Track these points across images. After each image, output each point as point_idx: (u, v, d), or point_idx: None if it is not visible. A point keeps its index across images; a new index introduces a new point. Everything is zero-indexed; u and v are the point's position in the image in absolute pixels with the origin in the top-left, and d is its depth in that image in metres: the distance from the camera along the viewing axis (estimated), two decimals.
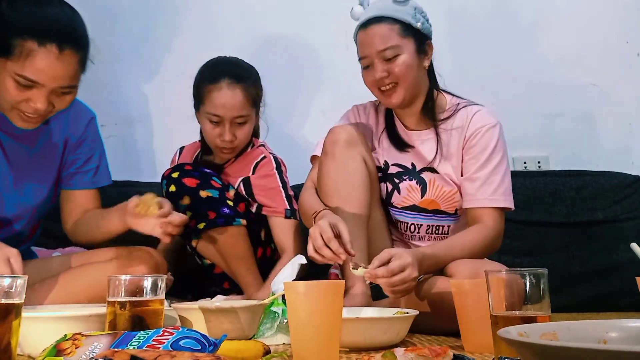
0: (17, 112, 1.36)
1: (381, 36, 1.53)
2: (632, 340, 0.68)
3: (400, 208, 1.64)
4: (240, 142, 1.79)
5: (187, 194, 1.66)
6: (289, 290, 0.96)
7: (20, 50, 1.28)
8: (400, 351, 0.84)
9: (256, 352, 0.98)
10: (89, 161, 1.61)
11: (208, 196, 1.67)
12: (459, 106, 1.61)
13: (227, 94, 1.72)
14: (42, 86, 1.31)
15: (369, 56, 1.55)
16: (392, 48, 1.52)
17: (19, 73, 1.29)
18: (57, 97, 1.36)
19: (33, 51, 1.28)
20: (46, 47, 1.29)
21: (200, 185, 1.67)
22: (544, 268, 0.93)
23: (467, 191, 1.54)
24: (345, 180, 1.52)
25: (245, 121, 1.76)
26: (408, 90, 1.56)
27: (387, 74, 1.53)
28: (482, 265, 1.30)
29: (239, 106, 1.73)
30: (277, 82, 2.13)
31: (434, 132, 1.61)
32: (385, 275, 1.24)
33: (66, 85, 1.35)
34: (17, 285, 0.84)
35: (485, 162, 1.53)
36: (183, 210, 1.62)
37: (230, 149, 1.79)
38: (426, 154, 1.61)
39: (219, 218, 1.66)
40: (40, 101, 1.32)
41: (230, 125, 1.74)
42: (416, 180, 1.61)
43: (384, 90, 1.56)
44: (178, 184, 1.67)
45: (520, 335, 0.64)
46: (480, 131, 1.55)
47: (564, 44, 2.00)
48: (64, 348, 0.84)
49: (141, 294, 0.99)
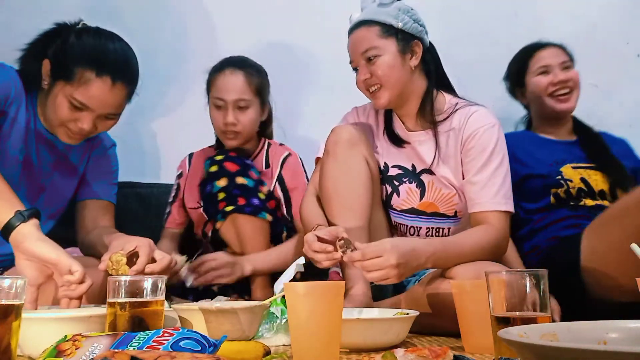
0: (64, 130, 1.51)
1: (362, 39, 1.57)
2: (632, 340, 0.68)
3: (399, 211, 1.63)
4: (244, 127, 1.86)
5: (225, 176, 1.75)
6: (289, 291, 0.96)
7: (80, 77, 1.44)
8: (400, 352, 0.84)
9: (256, 353, 0.97)
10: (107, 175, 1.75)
11: (243, 184, 1.75)
12: (457, 107, 1.59)
13: (230, 78, 1.85)
14: (91, 111, 1.47)
15: (355, 60, 1.60)
16: (372, 49, 1.55)
17: (74, 97, 1.45)
18: (101, 121, 1.52)
19: (90, 80, 1.44)
20: (102, 78, 1.45)
21: (239, 171, 1.77)
22: (544, 269, 0.93)
23: (469, 195, 1.52)
24: (347, 180, 1.51)
25: (247, 106, 1.85)
26: (393, 90, 1.56)
27: (370, 75, 1.56)
28: (482, 266, 1.29)
29: (240, 89, 1.84)
30: (277, 83, 2.14)
31: (432, 133, 1.60)
32: (359, 259, 1.25)
33: (112, 112, 1.52)
34: (17, 286, 0.84)
35: (484, 164, 1.50)
36: (216, 190, 1.72)
37: (233, 134, 1.85)
38: (424, 155, 1.60)
39: (247, 206, 1.73)
40: (87, 123, 1.49)
41: (233, 108, 1.83)
42: (415, 183, 1.61)
43: (372, 91, 1.58)
44: (220, 165, 1.77)
45: (520, 336, 0.64)
46: (477, 132, 1.52)
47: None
48: (64, 349, 0.84)
49: (141, 294, 0.99)
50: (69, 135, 1.53)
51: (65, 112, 1.47)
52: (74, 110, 1.47)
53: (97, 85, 1.45)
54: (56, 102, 1.48)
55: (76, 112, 1.47)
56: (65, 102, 1.47)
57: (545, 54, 1.95)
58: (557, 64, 1.92)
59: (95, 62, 1.46)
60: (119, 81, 1.48)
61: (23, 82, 1.53)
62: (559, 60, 1.93)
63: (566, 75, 1.91)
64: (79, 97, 1.45)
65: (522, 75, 1.98)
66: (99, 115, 1.50)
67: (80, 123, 1.49)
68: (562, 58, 1.94)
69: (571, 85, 1.91)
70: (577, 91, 1.93)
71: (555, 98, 1.91)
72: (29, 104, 1.55)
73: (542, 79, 1.92)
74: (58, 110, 1.48)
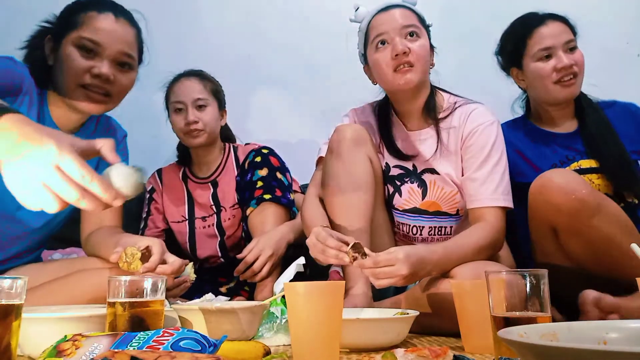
0: (83, 92, 1.44)
1: (405, 15, 1.57)
2: (632, 340, 0.68)
3: (401, 211, 1.63)
4: (206, 125, 1.96)
5: (267, 167, 1.89)
6: (289, 291, 0.96)
7: (83, 20, 1.45)
8: (400, 352, 0.84)
9: (256, 353, 0.97)
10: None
11: (281, 179, 1.89)
12: (456, 105, 1.61)
13: (186, 82, 2.00)
14: (103, 50, 1.44)
15: (388, 32, 1.55)
16: (415, 27, 1.56)
17: (83, 36, 1.43)
18: (118, 70, 1.47)
19: (93, 17, 1.45)
20: (104, 14, 1.46)
21: (279, 167, 1.92)
22: (544, 269, 0.93)
23: (468, 191, 1.53)
24: (351, 179, 1.51)
25: (205, 104, 1.97)
26: (422, 75, 1.57)
27: (408, 50, 1.53)
28: (482, 266, 1.30)
29: (197, 90, 1.98)
30: (277, 82, 2.15)
31: (434, 130, 1.61)
32: (370, 266, 1.25)
33: (125, 51, 1.47)
34: (17, 286, 0.84)
35: (483, 161, 1.52)
36: (256, 178, 1.85)
37: (197, 131, 1.95)
38: (426, 152, 1.61)
39: (283, 198, 1.86)
40: (104, 66, 1.43)
41: (192, 107, 1.95)
42: (417, 183, 1.61)
43: (402, 69, 1.54)
44: (264, 157, 1.91)
45: (520, 335, 0.64)
46: (477, 130, 1.54)
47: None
48: (64, 349, 0.84)
49: (141, 294, 0.99)
50: (89, 96, 1.45)
51: (78, 60, 1.43)
52: (86, 56, 1.43)
53: (101, 19, 1.45)
54: (66, 56, 1.43)
55: (89, 58, 1.43)
56: (75, 49, 1.43)
57: (547, 31, 1.70)
58: (560, 44, 1.69)
59: (94, 5, 1.47)
60: (121, 17, 1.48)
61: (34, 78, 1.48)
62: (563, 40, 1.69)
63: (572, 58, 1.69)
64: (87, 34, 1.43)
65: (519, 56, 1.75)
66: (113, 59, 1.46)
67: (98, 69, 1.43)
68: (566, 37, 1.70)
69: (576, 69, 1.70)
70: (581, 74, 1.72)
71: (559, 84, 1.69)
72: (39, 101, 1.49)
73: (544, 66, 1.70)
74: (70, 63, 1.43)
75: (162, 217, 2.05)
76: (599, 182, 1.69)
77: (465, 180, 1.55)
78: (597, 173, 1.69)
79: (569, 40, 1.70)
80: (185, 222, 2.01)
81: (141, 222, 2.04)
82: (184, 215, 2.02)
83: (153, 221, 2.03)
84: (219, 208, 2.00)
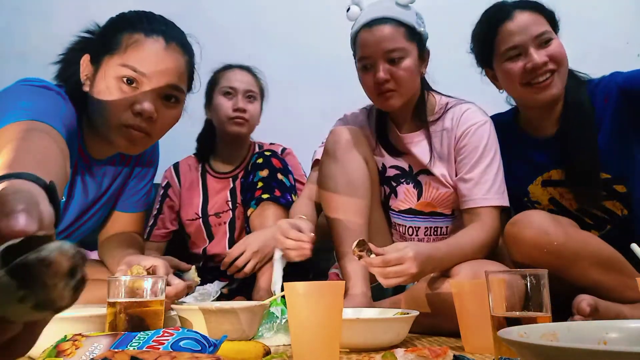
0: (122, 131, 1.26)
1: (389, 37, 1.49)
2: (632, 340, 0.68)
3: (397, 211, 1.64)
4: (251, 116, 2.00)
5: (268, 169, 1.88)
6: (289, 291, 0.96)
7: (127, 42, 1.24)
8: (400, 352, 0.84)
9: (256, 352, 0.98)
10: (142, 187, 1.62)
11: (282, 180, 1.88)
12: (448, 106, 1.60)
13: (240, 72, 2.04)
14: (147, 81, 1.24)
15: (372, 56, 1.51)
16: (399, 50, 1.50)
17: (125, 63, 1.23)
18: (162, 105, 1.28)
19: (139, 40, 1.24)
20: (153, 37, 1.25)
21: (281, 169, 1.90)
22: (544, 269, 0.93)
23: (462, 192, 1.53)
24: (347, 180, 1.52)
25: (254, 97, 2.02)
26: (406, 96, 1.55)
27: (390, 76, 1.50)
28: (482, 265, 1.30)
29: (249, 82, 2.03)
30: (277, 82, 2.15)
31: (425, 134, 1.60)
32: (380, 265, 1.25)
33: (172, 83, 1.27)
34: None
35: (477, 161, 1.51)
36: (257, 179, 1.85)
37: (242, 120, 1.98)
38: (421, 156, 1.61)
39: (282, 198, 1.84)
40: (147, 100, 1.24)
41: (243, 96, 1.99)
42: (413, 184, 1.61)
43: (384, 93, 1.52)
44: (266, 159, 1.90)
45: (520, 335, 0.64)
46: (469, 130, 1.54)
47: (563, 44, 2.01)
48: (64, 349, 0.84)
49: (141, 295, 0.99)
50: (129, 136, 1.27)
51: (117, 92, 1.23)
52: (126, 88, 1.23)
53: (148, 45, 1.24)
54: (105, 88, 1.23)
55: (130, 89, 1.23)
56: (114, 81, 1.23)
57: (514, 26, 1.45)
58: (530, 39, 1.44)
59: (142, 24, 1.26)
60: (172, 42, 1.27)
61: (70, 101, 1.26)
62: (533, 34, 1.44)
63: (544, 53, 1.44)
64: (130, 61, 1.22)
65: (489, 55, 1.54)
66: (158, 93, 1.26)
67: (139, 104, 1.23)
68: (537, 29, 1.44)
69: (552, 66, 1.45)
70: (562, 69, 1.46)
71: (531, 87, 1.47)
72: (77, 125, 1.30)
73: (512, 67, 1.47)
74: (108, 96, 1.23)
75: (174, 217, 2.03)
76: (570, 196, 1.55)
77: (459, 181, 1.54)
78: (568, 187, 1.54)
79: (540, 33, 1.44)
80: (199, 219, 2.00)
81: (151, 220, 2.01)
82: (198, 213, 2.00)
83: (163, 221, 2.02)
84: (234, 204, 1.99)
